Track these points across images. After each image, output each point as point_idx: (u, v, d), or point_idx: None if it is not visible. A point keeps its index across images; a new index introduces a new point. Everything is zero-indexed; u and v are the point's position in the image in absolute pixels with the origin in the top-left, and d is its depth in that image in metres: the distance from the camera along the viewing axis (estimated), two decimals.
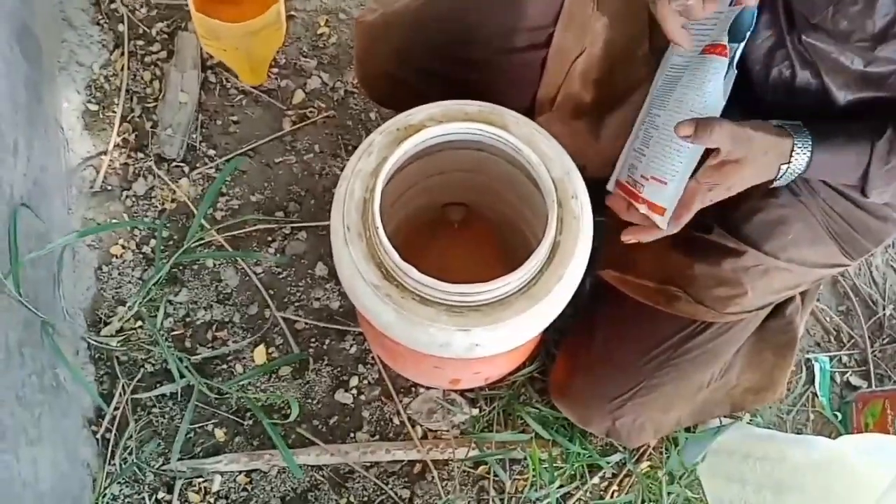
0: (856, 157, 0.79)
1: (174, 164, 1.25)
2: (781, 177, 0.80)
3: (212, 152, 1.27)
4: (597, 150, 0.93)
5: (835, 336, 1.31)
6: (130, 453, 1.11)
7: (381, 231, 0.77)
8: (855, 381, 1.28)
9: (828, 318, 1.31)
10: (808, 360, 1.28)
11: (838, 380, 1.29)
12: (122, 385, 1.14)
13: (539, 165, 0.80)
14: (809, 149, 0.77)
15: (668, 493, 1.16)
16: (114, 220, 1.21)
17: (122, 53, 1.29)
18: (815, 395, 1.26)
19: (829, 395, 1.27)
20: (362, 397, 1.18)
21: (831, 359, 1.29)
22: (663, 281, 0.93)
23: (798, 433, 1.24)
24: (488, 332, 0.78)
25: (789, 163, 0.78)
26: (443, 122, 0.83)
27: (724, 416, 1.16)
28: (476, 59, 0.95)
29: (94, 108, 1.26)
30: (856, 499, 1.00)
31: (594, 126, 0.93)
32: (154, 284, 1.17)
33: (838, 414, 1.25)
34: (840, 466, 1.01)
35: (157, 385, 1.15)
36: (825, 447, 1.04)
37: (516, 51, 0.94)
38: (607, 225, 0.98)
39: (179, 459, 1.12)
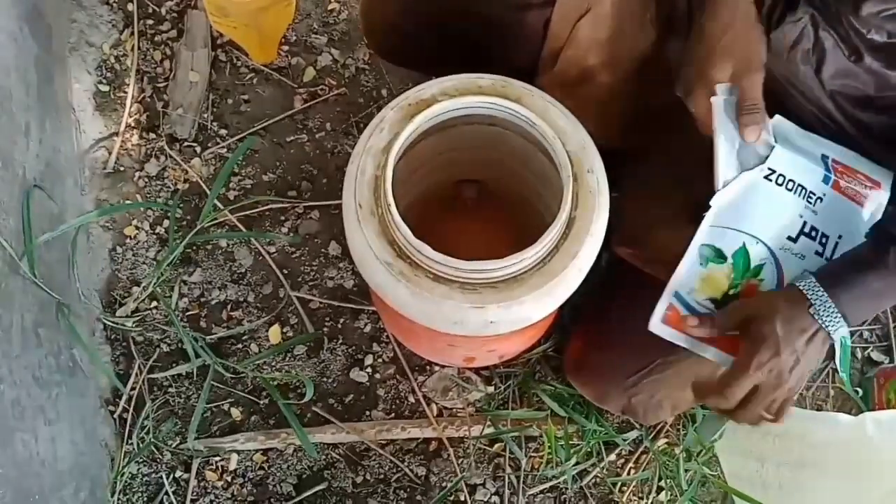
0: (882, 283, 0.75)
1: (186, 143, 1.25)
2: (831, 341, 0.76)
3: (223, 132, 1.26)
4: (603, 117, 0.90)
5: None
6: (148, 433, 1.12)
7: (393, 208, 0.76)
8: (876, 356, 1.27)
9: None
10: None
11: (859, 355, 1.27)
12: (138, 365, 1.15)
13: (554, 139, 0.79)
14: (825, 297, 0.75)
15: (686, 471, 1.15)
16: (127, 202, 1.21)
17: (132, 33, 1.28)
18: (835, 370, 1.24)
19: (850, 371, 1.25)
20: (377, 376, 1.18)
21: (852, 334, 1.27)
22: (680, 255, 0.91)
23: (818, 409, 1.22)
24: (503, 309, 0.77)
25: (827, 336, 0.75)
26: (455, 97, 0.81)
27: None
28: (480, 15, 0.92)
29: (105, 88, 1.25)
30: (877, 475, 0.99)
31: (599, 91, 0.91)
32: (168, 265, 1.17)
33: (859, 390, 1.24)
34: (861, 443, 1.00)
35: (173, 365, 1.15)
36: (846, 424, 1.03)
37: (521, 8, 0.92)
38: (622, 200, 0.97)
39: (196, 438, 1.13)
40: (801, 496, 1.06)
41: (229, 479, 1.13)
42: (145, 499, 1.12)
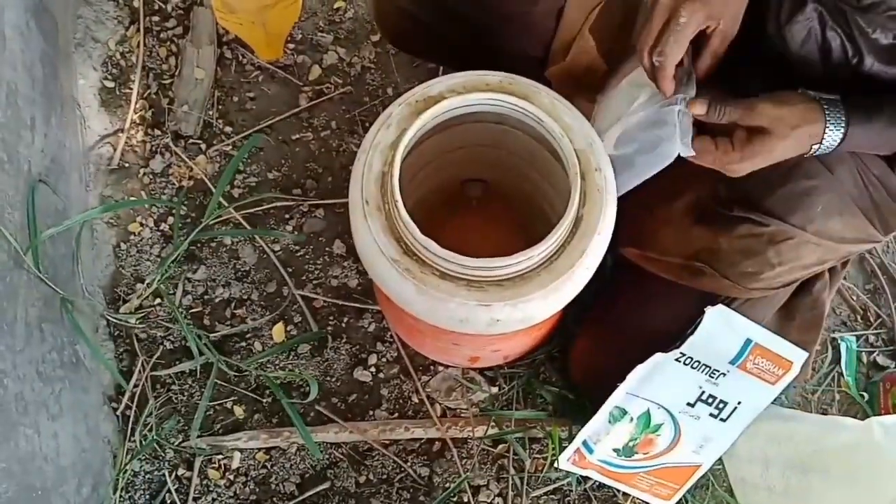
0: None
1: (191, 140, 1.24)
2: (813, 153, 0.79)
3: (228, 129, 1.26)
4: None
5: (861, 315, 1.28)
6: (150, 430, 1.12)
7: (400, 204, 0.75)
8: (882, 360, 1.26)
9: (854, 297, 1.29)
10: (835, 339, 1.25)
11: (865, 360, 1.26)
12: (142, 362, 1.14)
13: (561, 136, 0.78)
14: (843, 128, 0.77)
15: None
16: (132, 198, 1.21)
17: (138, 30, 1.28)
18: (840, 375, 1.24)
19: (856, 376, 1.24)
20: (381, 375, 1.18)
21: (858, 338, 1.26)
22: (687, 257, 0.91)
23: (823, 414, 1.22)
24: (509, 307, 0.77)
25: (820, 143, 0.78)
26: (463, 94, 0.81)
27: None
28: (493, 2, 0.92)
29: (110, 84, 1.25)
30: (882, 480, 0.98)
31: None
32: (172, 262, 1.17)
33: (864, 394, 1.23)
34: (866, 448, 0.99)
35: (177, 362, 1.15)
36: (851, 428, 1.02)
37: None
38: (627, 200, 0.96)
39: (199, 436, 1.12)
40: (807, 501, 1.05)
41: (232, 477, 1.13)
42: (148, 496, 1.11)
